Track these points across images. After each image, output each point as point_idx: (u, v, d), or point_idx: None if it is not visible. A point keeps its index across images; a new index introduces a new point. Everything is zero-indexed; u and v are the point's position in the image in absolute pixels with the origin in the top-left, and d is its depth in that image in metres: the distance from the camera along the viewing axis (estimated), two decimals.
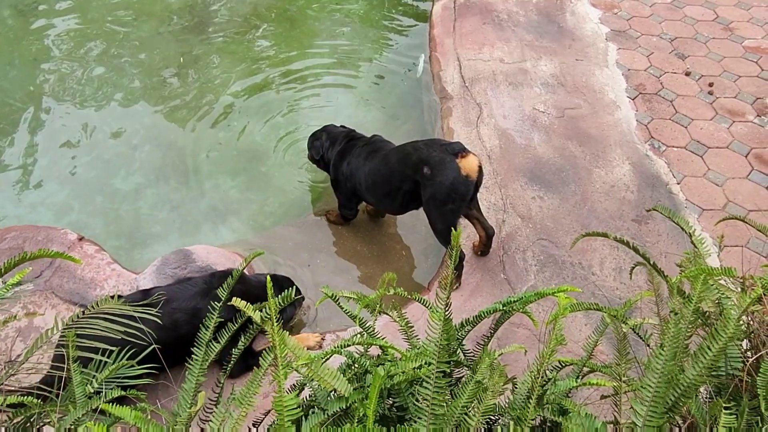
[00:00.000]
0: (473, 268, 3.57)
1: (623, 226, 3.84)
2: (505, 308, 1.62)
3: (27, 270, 1.57)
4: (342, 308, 1.78)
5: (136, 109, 5.15)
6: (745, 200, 4.05)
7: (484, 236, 3.52)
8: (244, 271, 3.37)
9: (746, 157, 4.33)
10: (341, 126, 4.09)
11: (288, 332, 1.77)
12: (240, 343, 1.84)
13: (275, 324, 1.34)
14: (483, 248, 3.57)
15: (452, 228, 3.28)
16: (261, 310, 1.57)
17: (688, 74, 5.01)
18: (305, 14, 6.12)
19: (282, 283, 3.27)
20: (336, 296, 1.77)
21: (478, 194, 3.40)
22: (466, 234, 3.73)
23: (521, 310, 1.63)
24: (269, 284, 1.44)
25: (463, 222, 3.52)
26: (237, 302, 1.53)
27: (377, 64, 5.60)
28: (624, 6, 5.79)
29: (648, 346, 1.79)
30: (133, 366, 1.81)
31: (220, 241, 4.25)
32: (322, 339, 3.19)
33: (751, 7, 5.80)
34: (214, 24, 5.94)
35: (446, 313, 1.44)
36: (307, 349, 3.12)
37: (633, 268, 2.21)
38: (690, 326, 1.38)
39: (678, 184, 4.13)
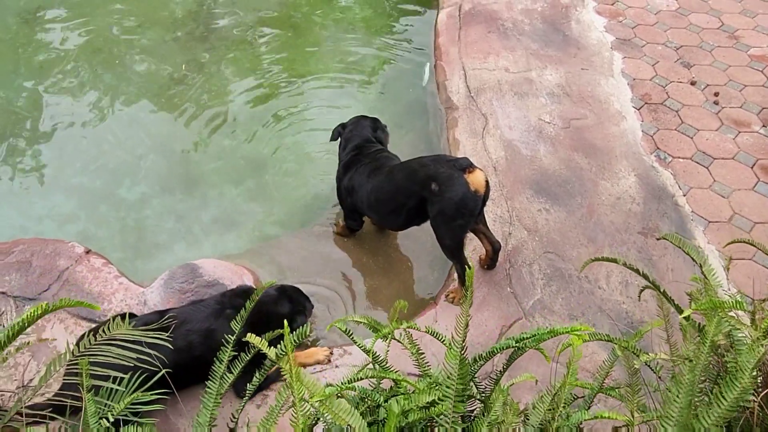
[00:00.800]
0: (480, 281, 3.57)
1: (629, 239, 3.85)
2: (518, 344, 1.62)
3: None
4: (355, 342, 1.78)
5: (141, 117, 5.15)
6: (751, 212, 4.05)
7: (491, 250, 3.52)
8: (253, 285, 3.39)
9: (752, 168, 4.33)
10: (372, 119, 4.04)
11: (297, 345, 1.78)
12: (255, 378, 1.84)
13: (291, 361, 1.34)
14: (489, 262, 3.57)
15: (459, 243, 3.32)
16: (276, 345, 1.57)
17: (693, 83, 5.00)
18: (310, 22, 6.12)
19: (291, 294, 3.27)
20: (350, 332, 1.77)
21: (484, 207, 3.40)
22: (472, 247, 3.73)
23: (534, 347, 1.63)
24: (281, 318, 1.45)
25: (470, 235, 3.52)
26: (251, 338, 1.53)
27: (382, 72, 5.59)
28: (629, 14, 5.78)
29: (659, 378, 1.79)
30: (145, 393, 1.81)
31: (226, 250, 4.26)
32: (331, 353, 3.20)
33: (757, 15, 5.79)
34: (219, 32, 5.94)
35: (462, 354, 1.44)
36: (317, 363, 3.13)
37: (641, 291, 2.21)
38: (704, 372, 1.38)
39: (684, 195, 4.13)
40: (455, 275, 3.52)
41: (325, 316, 3.70)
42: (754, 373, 1.31)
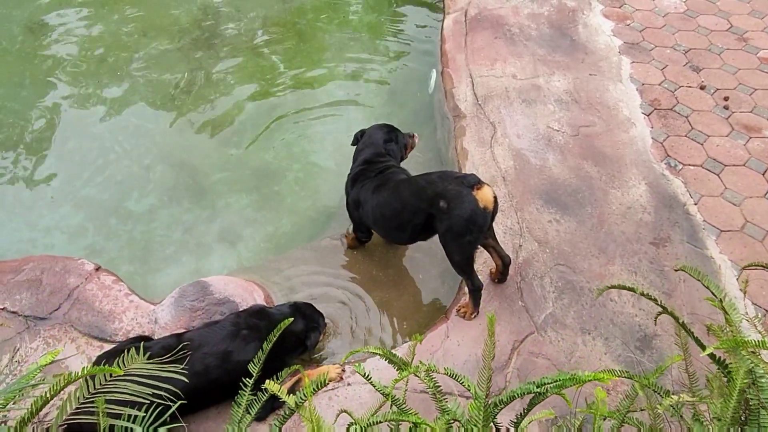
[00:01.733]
0: (491, 295, 3.56)
1: (641, 250, 3.82)
2: (539, 389, 1.60)
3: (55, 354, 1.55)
4: (375, 386, 1.76)
5: (148, 127, 5.14)
6: (763, 220, 4.01)
7: (501, 265, 3.50)
8: (264, 304, 3.38)
9: (764, 174, 4.29)
10: (387, 130, 4.03)
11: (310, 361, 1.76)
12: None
13: (311, 409, 1.33)
14: (500, 276, 3.56)
15: (469, 259, 3.30)
16: (295, 393, 1.56)
17: (702, 88, 4.96)
18: (314, 28, 6.09)
19: (305, 311, 3.28)
20: (368, 375, 1.76)
21: (493, 222, 3.38)
22: (482, 260, 3.71)
23: (557, 392, 1.61)
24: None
25: (480, 248, 3.50)
26: (270, 385, 1.52)
27: (388, 79, 5.57)
28: (636, 17, 5.73)
29: (681, 418, 1.77)
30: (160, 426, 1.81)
31: (234, 263, 4.26)
32: (343, 370, 3.19)
33: (765, 16, 5.74)
34: (223, 39, 5.92)
35: (487, 406, 1.42)
36: (329, 381, 3.12)
37: (658, 316, 2.19)
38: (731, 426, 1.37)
39: (695, 204, 4.09)
40: (466, 289, 3.51)
41: (337, 330, 3.70)
42: None
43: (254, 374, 1.81)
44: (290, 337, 3.07)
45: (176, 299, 3.37)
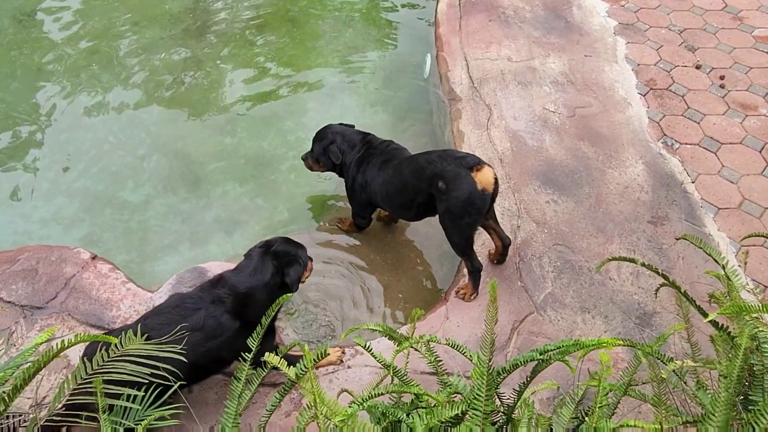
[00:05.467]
0: (490, 276, 3.54)
1: (639, 228, 3.81)
2: (542, 357, 1.59)
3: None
4: (375, 357, 1.75)
5: (142, 117, 5.10)
6: (760, 197, 4.01)
7: (501, 246, 3.49)
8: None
9: (760, 152, 4.29)
10: (342, 124, 3.94)
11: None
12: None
13: (314, 381, 1.32)
14: (499, 257, 3.55)
15: (468, 240, 3.28)
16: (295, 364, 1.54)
17: (698, 67, 4.94)
18: (307, 14, 6.04)
19: (276, 249, 2.94)
20: (369, 347, 1.74)
21: (494, 203, 3.36)
22: (481, 241, 3.70)
23: (560, 359, 1.60)
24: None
25: (479, 229, 3.48)
26: (269, 357, 1.51)
27: (383, 64, 5.53)
28: None
29: (685, 384, 1.76)
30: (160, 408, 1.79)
31: (231, 251, 4.23)
32: (343, 353, 3.18)
33: None
34: (216, 27, 5.87)
35: (490, 372, 1.41)
36: (329, 364, 3.11)
37: (658, 289, 2.18)
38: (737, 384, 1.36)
39: (692, 182, 4.09)
40: (465, 271, 3.49)
41: (336, 314, 3.68)
42: None
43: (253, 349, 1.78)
44: (259, 293, 2.74)
45: (174, 285, 3.35)
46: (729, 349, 1.56)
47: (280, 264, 2.85)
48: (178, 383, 2.04)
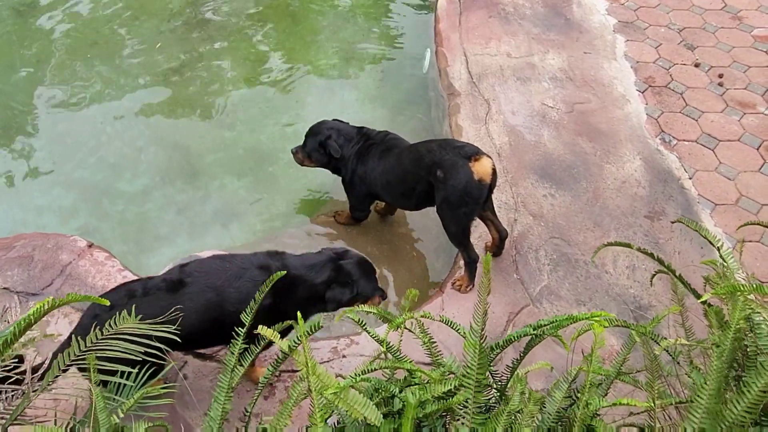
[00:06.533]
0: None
1: (636, 223, 3.82)
2: (535, 332, 1.59)
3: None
4: (369, 332, 1.75)
5: (140, 109, 5.09)
6: (757, 194, 4.02)
7: (497, 238, 3.49)
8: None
9: (758, 149, 4.29)
10: (336, 120, 3.94)
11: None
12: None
13: (307, 353, 1.31)
14: (496, 249, 3.54)
15: (465, 230, 3.28)
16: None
17: (697, 65, 4.95)
18: (307, 9, 6.05)
19: (341, 261, 2.77)
20: (362, 322, 1.74)
21: (492, 194, 3.36)
22: (477, 234, 3.70)
23: (553, 334, 1.60)
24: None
25: (475, 221, 3.48)
26: (262, 330, 1.50)
27: (382, 59, 5.54)
28: None
29: (678, 363, 1.76)
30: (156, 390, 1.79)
31: (229, 242, 4.23)
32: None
33: None
34: (216, 21, 5.87)
35: (482, 342, 1.41)
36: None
37: (653, 275, 2.18)
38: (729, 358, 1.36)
39: (690, 179, 4.09)
40: (461, 263, 3.49)
41: None
42: None
43: (246, 323, 1.77)
44: (302, 286, 2.65)
45: None
46: (722, 321, 1.56)
47: (335, 277, 2.69)
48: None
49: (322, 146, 3.79)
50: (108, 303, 1.76)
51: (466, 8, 5.44)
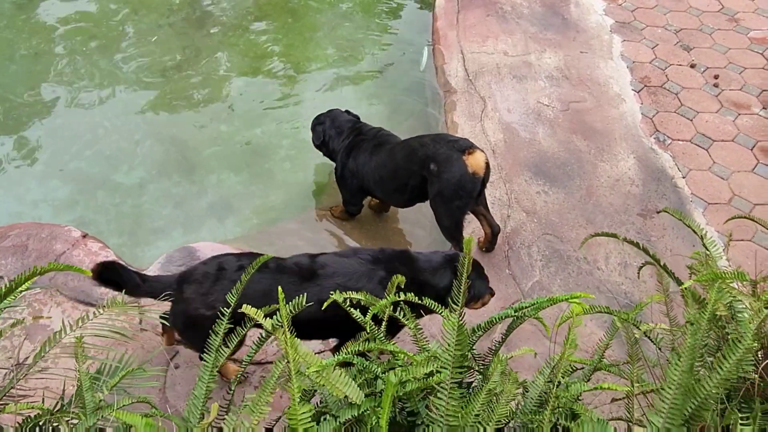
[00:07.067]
0: None
1: (628, 221, 3.83)
2: (517, 314, 1.61)
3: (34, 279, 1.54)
4: (353, 314, 1.77)
5: (138, 103, 5.11)
6: (750, 194, 4.04)
7: (490, 233, 3.51)
8: (410, 249, 3.08)
9: (752, 150, 4.31)
10: (346, 111, 4.01)
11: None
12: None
13: (287, 332, 1.33)
14: (488, 245, 3.56)
15: (458, 224, 3.30)
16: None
17: (693, 66, 4.97)
18: (307, 6, 6.07)
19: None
20: (345, 301, 1.76)
21: (485, 188, 3.38)
22: (470, 229, 3.72)
23: (534, 315, 1.62)
24: None
25: (468, 217, 3.50)
26: (246, 309, 1.52)
27: (380, 57, 5.56)
28: None
29: (659, 349, 1.78)
30: (142, 370, 1.80)
31: (224, 236, 4.24)
32: None
33: None
34: (215, 17, 5.89)
35: (460, 320, 1.43)
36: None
37: (641, 267, 2.20)
38: (705, 335, 1.37)
39: (683, 177, 4.11)
40: None
41: None
42: (755, 343, 1.30)
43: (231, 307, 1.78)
44: (429, 291, 2.43)
45: (163, 264, 3.36)
46: (699, 301, 1.58)
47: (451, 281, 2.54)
48: None
49: (312, 131, 3.91)
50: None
51: (464, 7, 5.46)
